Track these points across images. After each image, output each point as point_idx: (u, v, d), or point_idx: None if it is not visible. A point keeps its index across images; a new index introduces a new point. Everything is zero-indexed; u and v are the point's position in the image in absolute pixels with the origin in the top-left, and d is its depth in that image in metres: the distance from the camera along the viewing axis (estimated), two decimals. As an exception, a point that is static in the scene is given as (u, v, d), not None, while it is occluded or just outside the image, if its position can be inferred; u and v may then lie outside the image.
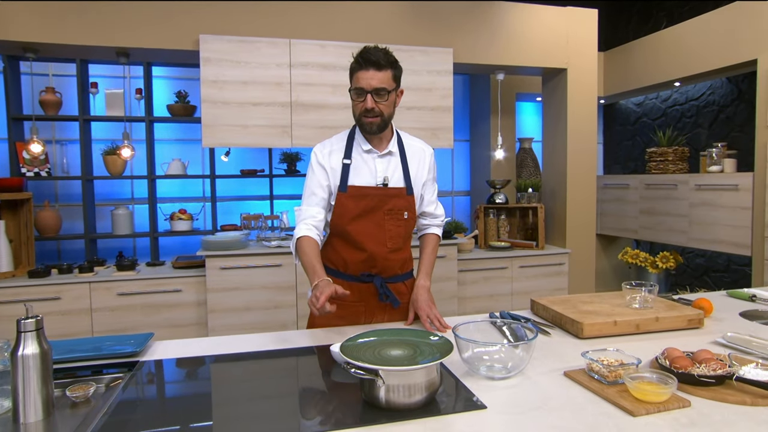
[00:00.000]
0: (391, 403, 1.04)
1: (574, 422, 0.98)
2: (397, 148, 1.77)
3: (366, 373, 1.03)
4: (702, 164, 3.96)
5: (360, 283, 1.74)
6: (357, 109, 1.66)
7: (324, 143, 1.80)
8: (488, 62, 3.75)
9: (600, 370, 1.13)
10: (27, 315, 1.09)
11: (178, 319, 3.28)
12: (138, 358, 1.38)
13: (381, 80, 1.61)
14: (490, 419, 1.00)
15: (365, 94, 1.61)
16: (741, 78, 4.10)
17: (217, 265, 3.23)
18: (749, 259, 4.05)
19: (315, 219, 1.70)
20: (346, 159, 1.73)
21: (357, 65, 1.64)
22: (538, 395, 1.10)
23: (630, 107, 5.35)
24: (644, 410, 0.99)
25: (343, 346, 1.12)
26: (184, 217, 4.35)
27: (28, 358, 1.07)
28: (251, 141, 3.32)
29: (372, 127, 1.66)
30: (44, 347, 1.09)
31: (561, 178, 4.03)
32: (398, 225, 1.72)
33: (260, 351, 1.44)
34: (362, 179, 1.72)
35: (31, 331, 1.08)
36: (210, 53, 3.22)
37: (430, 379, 1.05)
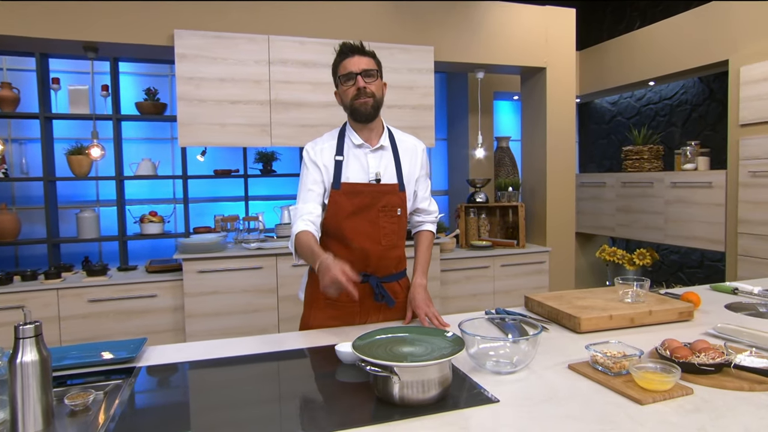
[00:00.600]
0: (405, 400, 1.07)
1: (586, 412, 1.03)
2: (389, 143, 1.80)
3: (382, 370, 1.05)
4: (677, 162, 4.14)
5: (354, 284, 1.76)
6: (348, 95, 1.69)
7: (315, 141, 1.82)
8: (469, 60, 3.82)
9: (605, 361, 1.19)
10: (25, 320, 1.07)
11: (154, 325, 3.22)
12: (133, 364, 1.36)
13: (367, 63, 1.68)
14: (504, 412, 1.04)
15: (355, 77, 1.66)
16: (712, 78, 4.30)
17: (194, 268, 3.19)
18: (722, 255, 4.25)
19: (312, 215, 1.70)
20: (338, 156, 1.75)
21: (341, 56, 1.71)
22: (547, 388, 1.15)
23: (605, 106, 5.53)
24: (651, 398, 1.05)
25: (355, 345, 1.14)
26: (155, 220, 4.27)
27: (28, 365, 1.05)
28: (229, 140, 3.30)
29: (366, 107, 1.68)
30: (44, 354, 1.07)
31: (541, 177, 4.14)
32: (392, 222, 1.75)
33: (260, 353, 1.45)
34: (355, 175, 1.74)
35: (30, 338, 1.06)
36: (185, 49, 3.18)
37: (443, 375, 1.09)
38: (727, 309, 1.77)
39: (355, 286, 1.75)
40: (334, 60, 1.72)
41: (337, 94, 1.77)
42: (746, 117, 3.45)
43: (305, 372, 1.37)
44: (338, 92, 1.76)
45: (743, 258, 3.51)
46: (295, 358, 1.45)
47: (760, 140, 3.36)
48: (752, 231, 3.44)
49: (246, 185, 4.61)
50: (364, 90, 1.66)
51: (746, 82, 3.44)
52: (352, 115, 1.74)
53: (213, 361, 1.40)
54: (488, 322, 1.51)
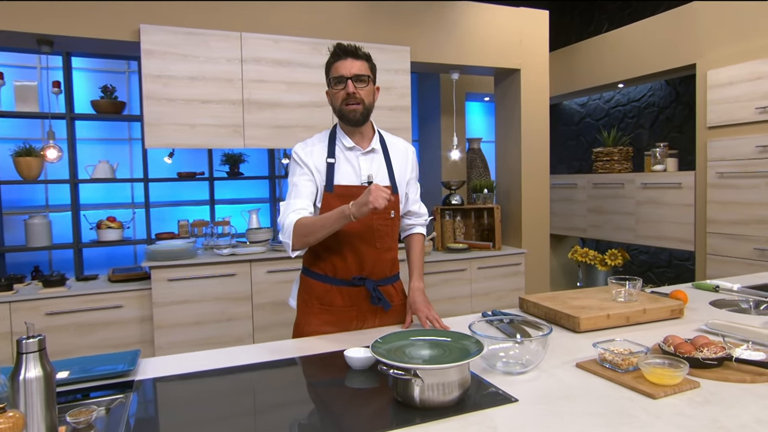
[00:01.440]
0: (426, 402, 1.11)
1: (604, 408, 1.09)
2: (380, 146, 1.84)
3: (405, 373, 1.09)
4: (647, 163, 4.35)
5: (350, 287, 1.78)
6: (338, 99, 1.71)
7: (305, 142, 1.83)
8: (444, 61, 3.91)
9: (614, 359, 1.26)
10: (28, 334, 1.05)
11: (119, 338, 3.13)
12: (130, 377, 1.35)
13: (360, 68, 1.69)
14: (526, 411, 1.09)
15: (345, 81, 1.68)
16: (678, 81, 4.55)
17: (164, 276, 3.12)
18: (689, 254, 4.50)
19: (306, 210, 1.71)
20: (329, 158, 1.77)
21: (334, 57, 1.72)
22: (560, 386, 1.22)
23: (574, 108, 5.75)
24: (662, 393, 1.13)
25: (376, 350, 1.17)
26: (113, 226, 4.16)
27: (32, 382, 1.03)
28: (200, 141, 3.25)
29: (355, 114, 1.70)
30: (47, 369, 1.05)
31: (515, 179, 4.27)
32: (386, 224, 1.79)
33: (262, 362, 1.45)
34: (347, 178, 1.76)
35: (34, 352, 1.04)
36: (152, 45, 3.12)
37: (463, 377, 1.13)
38: (712, 306, 1.90)
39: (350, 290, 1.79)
40: (328, 60, 1.74)
41: (328, 95, 1.79)
42: (714, 120, 3.67)
43: (314, 379, 1.38)
44: (329, 93, 1.78)
45: (712, 257, 3.73)
46: (300, 365, 1.46)
47: (727, 142, 3.59)
48: (720, 230, 3.67)
49: (212, 188, 4.55)
50: (353, 96, 1.68)
51: (713, 85, 3.67)
52: (341, 119, 1.77)
53: (215, 371, 1.39)
54: (488, 324, 1.57)
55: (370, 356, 1.36)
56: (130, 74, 4.64)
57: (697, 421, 1.02)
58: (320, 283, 1.81)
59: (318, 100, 3.50)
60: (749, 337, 1.40)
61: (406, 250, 1.97)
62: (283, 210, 1.74)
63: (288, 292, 3.38)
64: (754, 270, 3.37)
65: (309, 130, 3.49)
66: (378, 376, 1.34)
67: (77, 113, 4.13)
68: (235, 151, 4.39)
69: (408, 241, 1.97)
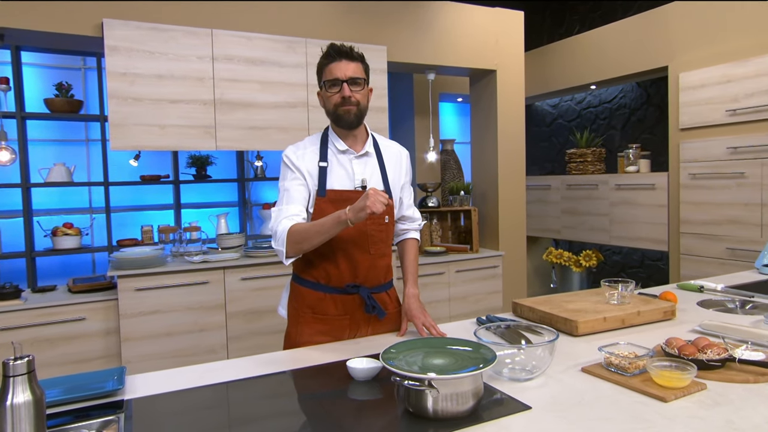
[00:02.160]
0: (440, 413, 1.10)
1: (619, 412, 1.11)
2: (374, 150, 1.83)
3: (419, 383, 1.08)
4: (620, 165, 4.49)
5: (344, 296, 1.76)
6: (332, 102, 1.71)
7: (296, 145, 1.82)
8: (421, 61, 3.93)
9: (620, 362, 1.29)
10: (15, 355, 0.99)
11: (82, 353, 3.01)
12: (119, 396, 1.29)
13: (354, 70, 1.69)
14: (542, 418, 1.11)
15: (341, 84, 1.67)
16: (649, 83, 4.72)
17: (132, 286, 3.02)
18: (661, 254, 4.67)
19: (299, 216, 1.69)
20: (322, 162, 1.76)
21: (327, 59, 1.71)
22: (570, 392, 1.23)
23: (546, 109, 5.88)
24: (672, 396, 1.16)
25: (388, 360, 1.16)
26: (70, 233, 4.00)
27: (20, 407, 0.97)
28: (169, 143, 3.16)
29: (350, 115, 1.70)
30: (37, 393, 0.99)
31: (492, 180, 4.33)
32: (380, 230, 1.78)
33: (260, 375, 1.42)
34: (340, 182, 1.75)
35: (22, 375, 0.98)
36: (117, 41, 3.01)
37: (477, 386, 1.13)
38: (699, 306, 1.97)
39: (344, 298, 1.77)
40: (320, 61, 1.72)
41: (320, 96, 1.77)
42: (686, 122, 3.82)
43: (317, 392, 1.36)
44: (321, 95, 1.77)
45: (685, 257, 3.88)
46: (299, 377, 1.44)
47: (699, 144, 3.74)
48: (693, 231, 3.81)
49: (177, 192, 4.43)
50: (348, 99, 1.68)
51: (685, 88, 3.82)
52: (334, 121, 1.76)
53: (210, 387, 1.36)
54: (486, 331, 1.58)
55: (374, 366, 1.36)
56: (86, 71, 4.47)
57: (711, 423, 1.06)
58: (312, 291, 1.78)
59: (293, 101, 3.46)
60: (745, 337, 1.46)
61: (399, 255, 1.97)
62: (275, 216, 1.70)
63: (264, 299, 3.35)
64: (727, 269, 3.52)
65: (283, 131, 3.45)
66: (382, 387, 1.33)
67: (29, 112, 3.95)
68: (202, 153, 4.29)
69: (402, 247, 1.97)
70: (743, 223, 3.51)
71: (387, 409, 1.24)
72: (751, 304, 1.96)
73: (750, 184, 3.46)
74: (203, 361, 3.18)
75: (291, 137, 3.47)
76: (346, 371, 1.38)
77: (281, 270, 3.38)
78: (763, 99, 3.37)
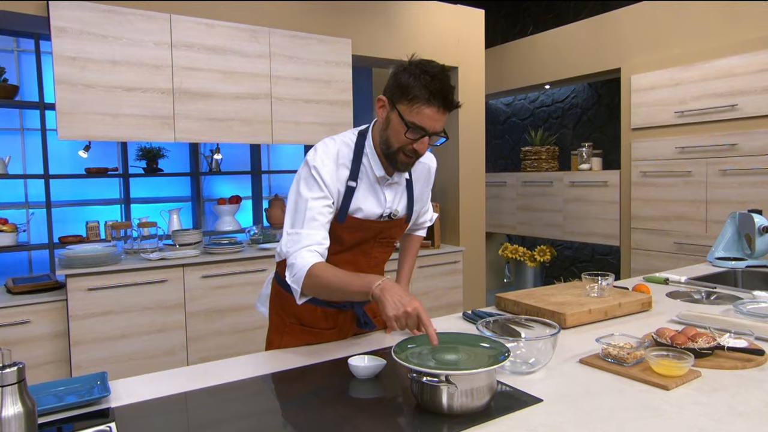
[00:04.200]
0: (456, 409, 1.09)
1: (627, 401, 1.14)
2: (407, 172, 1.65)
3: (436, 379, 1.07)
4: (573, 162, 4.65)
5: (335, 310, 1.67)
6: (399, 142, 1.44)
7: (328, 151, 1.50)
8: (385, 56, 3.91)
9: (619, 353, 1.32)
10: (3, 362, 0.90)
11: (27, 358, 2.80)
12: (104, 405, 1.20)
13: (444, 122, 1.43)
14: (553, 410, 1.12)
15: (424, 136, 1.42)
16: (600, 84, 4.91)
17: (82, 285, 2.84)
18: (610, 248, 4.87)
19: (321, 246, 1.44)
20: (351, 181, 1.52)
21: (428, 97, 1.37)
22: (574, 384, 1.26)
23: (500, 107, 6.01)
24: (674, 384, 1.21)
25: (402, 357, 1.14)
26: (5, 229, 3.70)
27: (10, 421, 0.88)
28: (123, 134, 2.99)
29: (407, 168, 1.54)
30: (29, 405, 0.91)
31: (453, 176, 4.38)
32: (385, 252, 1.70)
33: (253, 377, 1.36)
34: (367, 209, 1.55)
35: (12, 385, 0.89)
36: (65, 22, 2.82)
37: (491, 381, 1.13)
38: (668, 297, 2.06)
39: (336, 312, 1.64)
40: (418, 89, 1.37)
41: (387, 112, 1.46)
42: (637, 122, 4.00)
43: (318, 391, 1.32)
44: (391, 116, 1.44)
45: (636, 251, 4.07)
46: (296, 377, 1.39)
47: (649, 143, 3.93)
48: (644, 226, 4.01)
49: (126, 186, 4.21)
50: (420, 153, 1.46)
51: (636, 89, 4.00)
52: (388, 159, 1.50)
53: (202, 390, 1.29)
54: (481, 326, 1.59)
55: (378, 364, 1.33)
56: (19, 54, 4.16)
57: (716, 408, 1.10)
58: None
59: (256, 92, 3.36)
60: (724, 326, 1.53)
61: (401, 248, 1.91)
62: (291, 240, 1.44)
63: (226, 297, 3.24)
64: (674, 262, 3.73)
65: (246, 123, 3.35)
66: (383, 385, 1.31)
67: (-42, 98, 3.63)
68: (153, 145, 4.09)
69: (405, 241, 1.91)
70: (690, 219, 3.72)
71: (395, 406, 1.21)
72: (715, 295, 2.07)
73: (696, 182, 3.67)
74: (162, 363, 3.05)
75: (253, 129, 3.37)
76: (341, 369, 1.34)
77: (243, 267, 3.28)
78: (708, 102, 3.58)
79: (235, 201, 4.19)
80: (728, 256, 2.67)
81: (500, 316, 1.72)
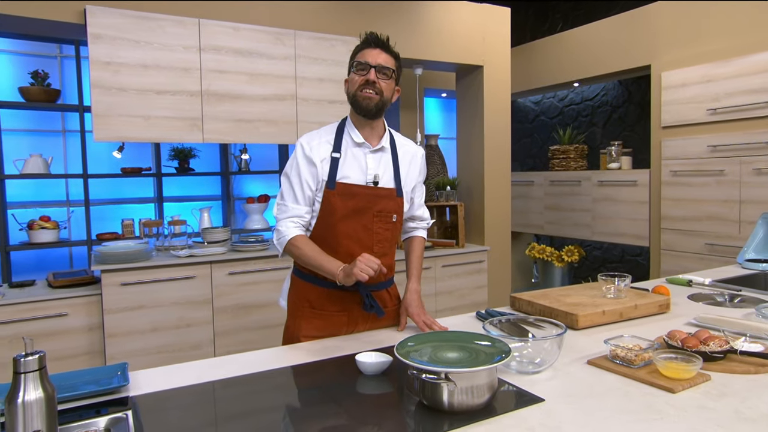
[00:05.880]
0: (456, 406, 1.11)
1: (631, 403, 1.14)
2: (389, 146, 1.80)
3: (436, 376, 1.09)
4: (602, 161, 4.57)
5: (342, 292, 1.75)
6: (354, 84, 1.68)
7: (311, 134, 1.79)
8: (409, 56, 3.92)
9: (626, 354, 1.31)
10: (26, 351, 0.96)
11: (64, 349, 2.94)
12: (123, 394, 1.26)
13: (386, 60, 1.68)
14: (556, 410, 1.12)
15: (369, 68, 1.66)
16: (630, 81, 4.80)
17: (116, 280, 2.96)
18: (641, 249, 4.77)
19: (303, 219, 1.72)
20: (335, 153, 1.73)
21: (364, 44, 1.70)
22: (579, 384, 1.25)
23: (528, 105, 5.94)
24: (680, 387, 1.19)
25: (403, 354, 1.16)
26: (48, 226, 3.88)
27: (32, 405, 0.94)
28: (154, 135, 3.10)
29: (369, 102, 1.67)
30: (49, 390, 0.97)
31: (478, 176, 4.36)
32: (386, 228, 1.77)
33: (265, 371, 1.41)
34: (351, 175, 1.73)
35: (33, 372, 0.96)
36: (100, 29, 2.93)
37: (492, 379, 1.14)
38: (690, 300, 2.02)
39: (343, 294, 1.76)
40: (356, 47, 1.72)
41: (347, 82, 1.75)
42: (667, 120, 3.90)
43: (325, 386, 1.35)
44: (347, 80, 1.75)
45: (666, 252, 3.97)
46: (306, 372, 1.43)
47: (680, 142, 3.82)
48: (674, 227, 3.91)
49: (160, 185, 4.34)
50: (372, 83, 1.65)
51: (667, 87, 3.90)
52: (352, 105, 1.72)
53: (215, 383, 1.34)
54: (490, 324, 1.59)
55: (384, 360, 1.36)
56: (62, 59, 4.34)
57: (720, 413, 1.09)
58: (312, 286, 1.77)
59: (281, 93, 3.42)
60: (741, 330, 1.50)
61: (405, 251, 1.98)
62: (279, 210, 1.74)
63: (252, 294, 3.32)
64: (706, 264, 3.62)
65: (272, 124, 3.41)
66: (391, 381, 1.33)
67: (2, 101, 3.82)
68: (185, 146, 4.21)
69: (409, 243, 1.97)
70: (722, 220, 3.61)
71: (399, 403, 1.24)
72: (740, 298, 2.02)
73: (729, 181, 3.56)
74: (189, 357, 3.14)
75: (279, 130, 3.44)
76: (352, 366, 1.37)
77: (269, 264, 3.35)
78: (742, 99, 3.47)
79: (263, 200, 4.28)
80: (759, 258, 2.59)
81: (513, 315, 1.72)
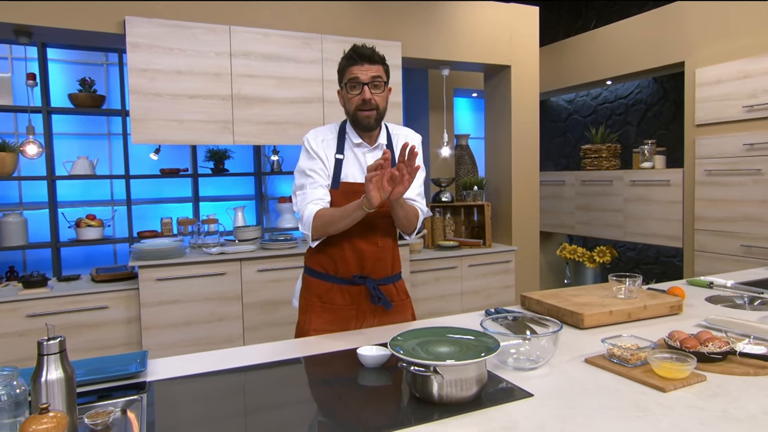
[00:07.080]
0: (444, 399, 1.15)
1: (618, 401, 1.15)
2: (386, 140, 1.89)
3: (424, 369, 1.13)
4: (635, 160, 4.47)
5: (351, 286, 1.82)
6: (352, 104, 1.76)
7: (317, 131, 1.88)
8: (435, 57, 3.96)
9: (622, 354, 1.32)
10: (48, 336, 1.07)
11: (104, 339, 3.12)
12: (141, 378, 1.36)
13: (376, 72, 1.73)
14: (543, 405, 1.15)
15: (362, 86, 1.71)
16: (666, 78, 4.68)
17: (152, 276, 3.12)
18: (676, 251, 4.64)
19: (323, 200, 1.77)
20: (338, 154, 1.82)
21: (349, 61, 1.75)
22: (573, 381, 1.27)
23: (561, 104, 5.86)
24: (672, 386, 1.20)
25: (395, 347, 1.21)
26: (93, 224, 4.11)
27: (53, 383, 1.05)
28: (188, 137, 3.24)
29: (369, 121, 1.76)
30: (68, 371, 1.07)
31: (506, 175, 4.34)
32: (389, 223, 1.84)
33: (273, 361, 1.48)
34: (353, 175, 1.82)
35: (55, 354, 1.06)
36: (138, 38, 3.09)
37: (480, 373, 1.18)
38: (707, 302, 1.98)
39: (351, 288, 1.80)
40: (342, 62, 1.77)
41: (340, 95, 1.82)
42: (702, 118, 3.80)
43: (328, 378, 1.42)
44: (341, 94, 1.82)
45: (700, 253, 3.86)
46: (310, 365, 1.49)
47: (714, 140, 3.71)
48: (708, 227, 3.80)
49: (196, 185, 4.52)
50: (369, 102, 1.72)
51: (701, 84, 3.79)
52: (353, 123, 1.82)
53: (226, 371, 1.42)
54: (493, 321, 1.62)
55: (384, 354, 1.41)
56: (108, 67, 4.58)
57: (708, 413, 1.09)
58: (321, 282, 1.84)
59: (309, 96, 3.52)
60: (748, 331, 1.48)
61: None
62: (300, 200, 1.80)
63: (280, 291, 3.42)
64: (742, 266, 3.51)
65: (299, 126, 3.51)
66: (391, 374, 1.38)
67: (54, 107, 4.07)
68: (220, 147, 4.37)
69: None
70: (759, 220, 3.48)
71: (395, 395, 1.29)
72: (760, 300, 1.97)
73: (766, 180, 3.43)
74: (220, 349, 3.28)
75: (306, 132, 3.53)
76: (356, 359, 1.43)
77: (297, 262, 3.45)
78: (780, 95, 3.34)
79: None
80: (790, 260, 2.50)
81: (519, 314, 1.75)
